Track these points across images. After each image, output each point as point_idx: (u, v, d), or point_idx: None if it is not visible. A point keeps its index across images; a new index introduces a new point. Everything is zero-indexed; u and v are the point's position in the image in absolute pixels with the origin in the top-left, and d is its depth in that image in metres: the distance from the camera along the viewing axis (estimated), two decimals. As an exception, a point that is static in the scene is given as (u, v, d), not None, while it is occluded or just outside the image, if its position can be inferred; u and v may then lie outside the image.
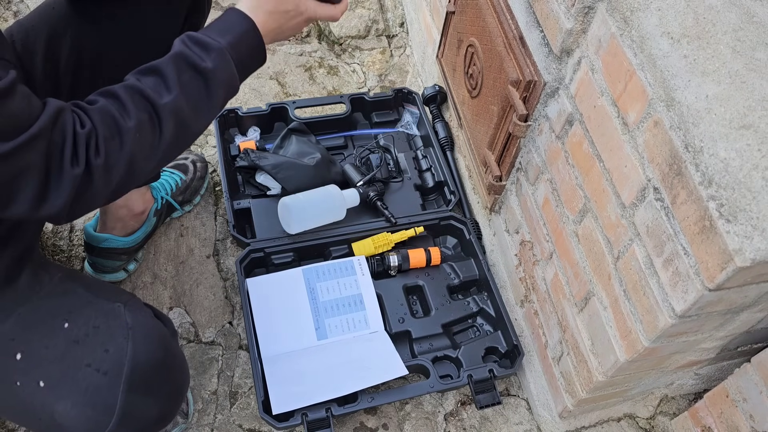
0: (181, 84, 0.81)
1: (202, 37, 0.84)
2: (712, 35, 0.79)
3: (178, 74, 0.81)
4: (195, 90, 0.83)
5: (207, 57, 0.83)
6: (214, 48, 0.83)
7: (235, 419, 1.28)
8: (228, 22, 0.87)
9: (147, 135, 0.79)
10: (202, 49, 0.83)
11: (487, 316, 1.37)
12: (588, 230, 1.02)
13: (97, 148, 0.75)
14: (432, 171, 1.57)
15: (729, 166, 0.71)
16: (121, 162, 0.77)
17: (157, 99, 0.79)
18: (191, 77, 0.82)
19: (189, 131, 0.85)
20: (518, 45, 1.11)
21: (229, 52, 0.85)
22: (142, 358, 0.88)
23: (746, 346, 1.12)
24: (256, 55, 0.90)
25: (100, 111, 0.77)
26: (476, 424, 1.31)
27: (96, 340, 0.88)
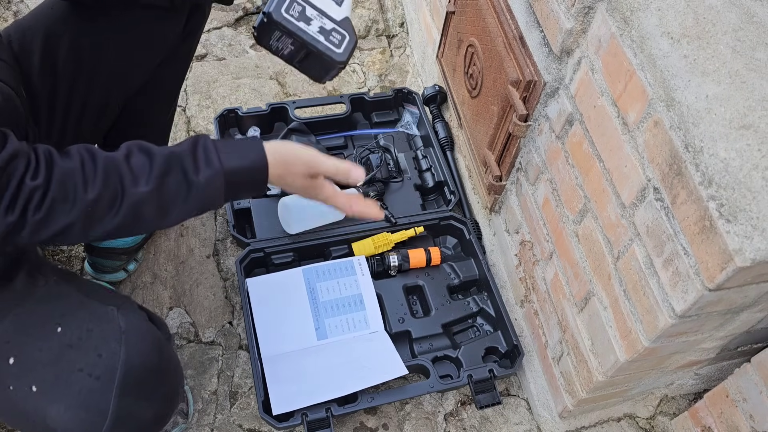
0: (162, 182, 0.81)
1: (211, 149, 0.84)
2: (712, 35, 0.79)
3: (166, 171, 0.81)
4: (173, 193, 0.82)
5: (202, 171, 0.83)
6: (213, 167, 0.83)
7: (235, 419, 1.28)
8: (245, 150, 0.87)
9: (100, 212, 0.78)
10: (205, 160, 0.83)
11: (487, 316, 1.37)
12: (588, 230, 1.02)
13: (41, 204, 0.74)
14: (432, 171, 1.57)
15: (729, 166, 0.71)
16: (59, 225, 0.77)
17: (130, 185, 0.79)
18: (176, 181, 0.82)
19: (140, 225, 0.84)
20: (518, 45, 1.11)
21: (225, 177, 0.84)
22: (134, 363, 0.87)
23: (746, 346, 1.12)
24: (252, 189, 0.90)
25: (64, 172, 0.76)
26: (476, 424, 1.31)
27: (89, 344, 0.87)
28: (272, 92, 1.79)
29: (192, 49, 1.22)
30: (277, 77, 1.82)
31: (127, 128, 1.22)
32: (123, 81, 1.10)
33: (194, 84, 1.77)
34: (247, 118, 1.58)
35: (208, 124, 1.69)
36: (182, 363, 1.33)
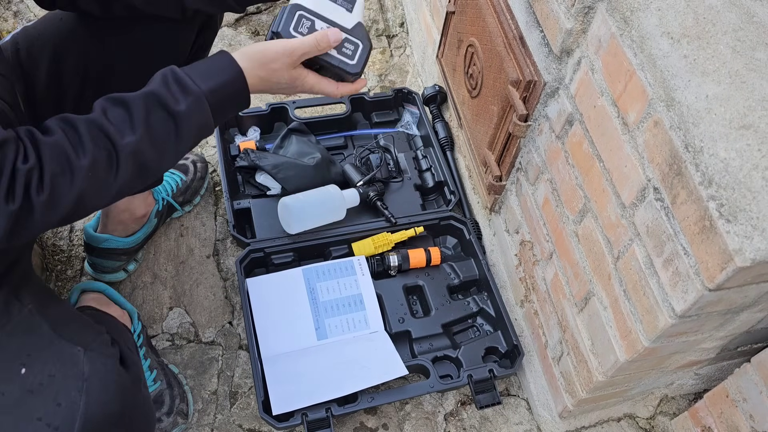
0: (148, 124, 0.79)
1: (183, 77, 0.83)
2: (712, 35, 0.79)
3: (146, 113, 0.80)
4: (162, 132, 0.81)
5: (183, 100, 0.81)
6: (192, 92, 0.82)
7: (235, 419, 1.28)
8: (215, 67, 0.86)
9: (101, 173, 0.77)
10: (180, 90, 0.82)
11: (487, 316, 1.37)
12: (588, 230, 1.02)
13: (41, 183, 0.73)
14: (432, 171, 1.57)
15: (729, 166, 0.71)
16: (68, 198, 0.75)
17: (118, 138, 0.78)
18: (161, 118, 0.81)
19: (149, 171, 0.83)
20: (518, 45, 1.11)
21: (207, 98, 0.83)
22: (95, 413, 0.83)
23: (746, 346, 1.12)
24: (237, 101, 0.88)
25: (52, 146, 0.75)
26: (476, 424, 1.31)
27: (50, 390, 0.83)
28: (272, 92, 1.79)
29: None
30: (277, 77, 1.82)
31: None
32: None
33: (194, 84, 1.77)
34: (247, 118, 1.58)
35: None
36: (182, 363, 1.33)
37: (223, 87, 0.85)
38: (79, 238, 1.47)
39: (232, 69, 0.86)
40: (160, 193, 1.42)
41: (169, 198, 1.44)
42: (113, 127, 0.78)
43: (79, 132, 0.77)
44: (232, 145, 1.55)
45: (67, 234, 1.48)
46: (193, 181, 1.51)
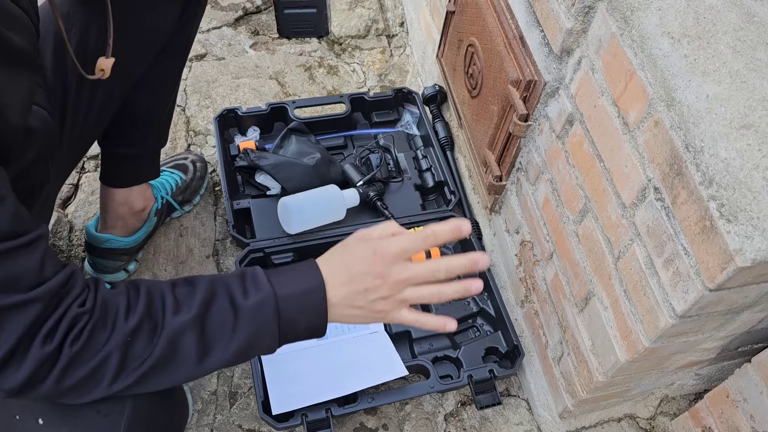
0: (205, 308, 0.73)
1: (260, 274, 0.76)
2: (713, 35, 0.79)
3: (209, 297, 0.73)
4: (217, 322, 0.73)
5: (252, 295, 0.74)
6: (264, 290, 0.74)
7: (234, 419, 1.28)
8: (297, 272, 0.78)
9: (138, 344, 0.71)
10: (253, 285, 0.75)
11: (487, 316, 1.37)
12: (588, 230, 1.02)
13: (80, 333, 0.68)
14: (432, 171, 1.57)
15: (729, 166, 0.71)
16: (95, 359, 0.69)
17: (170, 313, 0.72)
18: (221, 308, 0.73)
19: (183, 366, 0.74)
20: (518, 45, 1.11)
21: (277, 303, 0.74)
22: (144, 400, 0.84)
23: (747, 346, 1.11)
24: (310, 318, 0.77)
25: (107, 298, 0.71)
26: (476, 425, 1.31)
27: None
28: (272, 92, 1.79)
29: (189, 41, 1.20)
30: (276, 77, 1.82)
31: (126, 124, 1.22)
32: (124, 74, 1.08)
33: (194, 84, 1.77)
34: (247, 118, 1.58)
35: (208, 124, 1.69)
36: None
37: (298, 295, 0.76)
38: (79, 238, 1.47)
39: (313, 278, 0.77)
40: (159, 191, 1.42)
41: (169, 197, 1.44)
42: (173, 300, 0.73)
43: (140, 292, 0.72)
44: (231, 145, 1.54)
45: (67, 234, 1.48)
46: (192, 180, 1.51)
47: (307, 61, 1.87)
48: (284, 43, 1.90)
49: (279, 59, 1.86)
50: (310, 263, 0.79)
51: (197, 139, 1.67)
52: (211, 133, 1.67)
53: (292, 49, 1.89)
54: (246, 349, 0.75)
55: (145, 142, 1.30)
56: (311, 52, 1.90)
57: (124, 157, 1.29)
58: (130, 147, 1.27)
